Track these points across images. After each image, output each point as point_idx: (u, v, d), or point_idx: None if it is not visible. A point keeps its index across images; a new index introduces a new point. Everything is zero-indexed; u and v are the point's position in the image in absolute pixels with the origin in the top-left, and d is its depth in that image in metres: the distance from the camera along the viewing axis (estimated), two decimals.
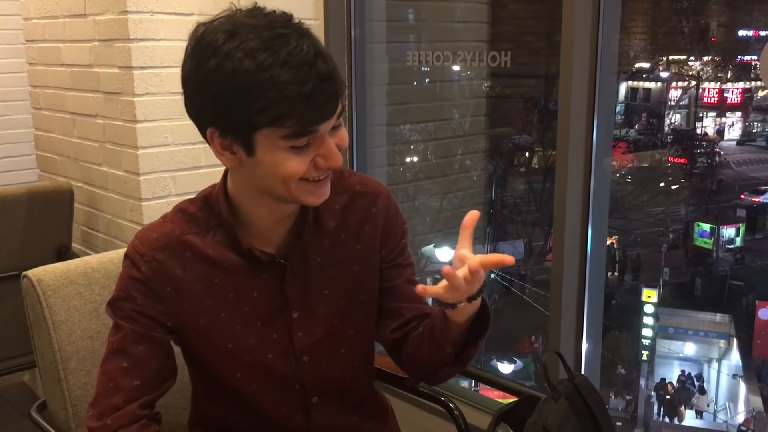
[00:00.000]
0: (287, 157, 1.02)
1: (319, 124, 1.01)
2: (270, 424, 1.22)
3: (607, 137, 1.90)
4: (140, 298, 1.13)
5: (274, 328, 1.18)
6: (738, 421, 8.73)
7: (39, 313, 1.39)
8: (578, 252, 1.92)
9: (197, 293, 1.14)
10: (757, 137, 11.32)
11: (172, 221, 1.17)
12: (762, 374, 9.14)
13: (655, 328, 9.31)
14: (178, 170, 2.31)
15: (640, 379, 9.18)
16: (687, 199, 10.69)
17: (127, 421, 1.12)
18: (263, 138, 1.01)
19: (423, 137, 4.05)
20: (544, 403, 1.33)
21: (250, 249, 1.14)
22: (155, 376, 1.16)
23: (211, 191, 1.18)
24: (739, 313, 9.65)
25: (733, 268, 9.99)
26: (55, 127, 2.73)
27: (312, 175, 1.06)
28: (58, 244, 2.58)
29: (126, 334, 1.14)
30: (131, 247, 1.16)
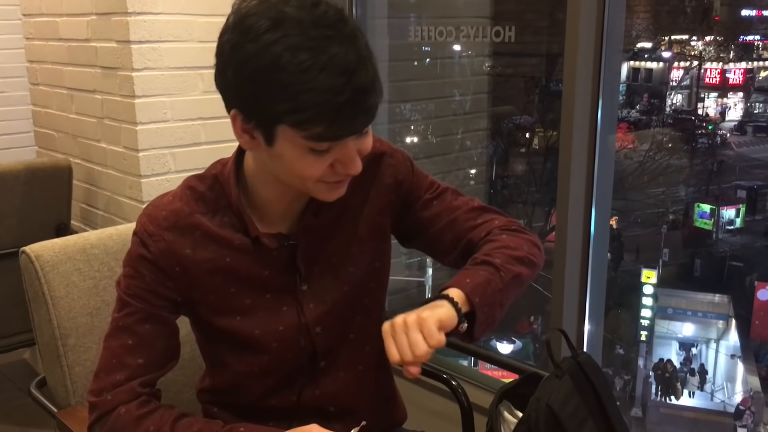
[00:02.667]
0: (305, 157, 1.00)
1: (346, 136, 0.99)
2: (279, 390, 1.21)
3: (611, 115, 1.87)
4: (149, 277, 1.11)
5: (283, 300, 1.17)
6: (736, 400, 8.79)
7: (37, 289, 1.38)
8: (581, 231, 1.90)
9: (206, 272, 1.13)
10: (758, 118, 11.29)
11: (180, 199, 1.14)
12: (760, 354, 9.19)
13: (654, 308, 9.35)
14: (178, 147, 2.29)
15: (638, 359, 9.23)
16: (687, 179, 10.69)
17: (127, 398, 1.11)
18: (284, 132, 0.98)
19: (423, 116, 4.02)
20: (547, 380, 1.32)
21: (258, 237, 1.12)
22: (159, 355, 1.14)
23: (221, 170, 1.14)
24: (738, 293, 9.68)
25: (733, 249, 10.01)
26: (53, 103, 2.70)
27: (329, 179, 1.04)
28: (57, 222, 2.56)
29: (133, 311, 1.12)
30: (140, 225, 1.13)
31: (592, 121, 1.81)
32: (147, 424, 1.09)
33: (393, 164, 1.23)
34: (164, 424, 1.08)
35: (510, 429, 1.36)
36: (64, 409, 1.35)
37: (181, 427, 1.09)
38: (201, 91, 2.29)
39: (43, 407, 1.38)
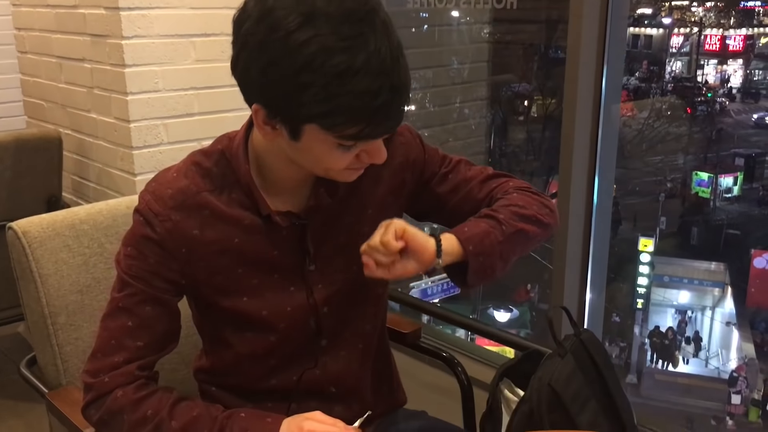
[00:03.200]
0: (333, 151, 0.97)
1: (379, 137, 0.97)
2: (281, 371, 1.19)
3: (616, 84, 1.82)
4: (153, 258, 1.06)
5: (291, 281, 1.13)
6: (730, 367, 8.87)
7: (25, 266, 1.34)
8: (584, 203, 1.87)
9: (214, 253, 1.08)
10: (758, 85, 11.23)
11: (186, 176, 1.08)
12: (755, 322, 9.25)
13: (650, 276, 9.38)
14: (170, 117, 2.23)
15: (634, 327, 9.29)
16: (686, 147, 10.65)
17: (125, 380, 1.07)
18: (313, 130, 0.94)
19: (421, 85, 3.96)
20: (549, 359, 1.29)
21: (269, 215, 1.08)
22: (159, 338, 1.11)
23: (228, 145, 1.09)
24: (734, 261, 9.71)
25: (730, 217, 10.02)
26: (42, 72, 2.63)
27: (354, 166, 1.02)
28: (48, 194, 2.51)
29: (133, 293, 1.08)
30: (144, 204, 1.08)
31: (597, 90, 1.77)
32: (145, 407, 1.06)
33: (403, 143, 1.20)
34: (162, 407, 1.05)
35: (511, 408, 1.34)
36: (55, 389, 1.32)
37: (180, 410, 1.05)
38: (193, 60, 2.23)
39: (34, 387, 1.35)
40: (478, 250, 1.08)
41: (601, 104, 1.77)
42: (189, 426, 1.04)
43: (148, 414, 1.05)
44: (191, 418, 1.04)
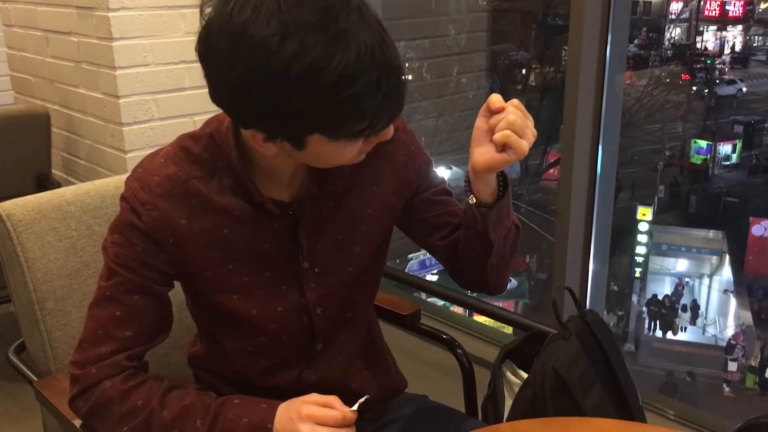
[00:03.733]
0: (340, 149, 0.92)
1: (388, 125, 0.92)
2: (275, 373, 1.15)
3: (620, 53, 1.76)
4: (140, 247, 1.02)
5: (283, 279, 1.09)
6: (727, 335, 8.92)
7: (11, 250, 1.29)
8: (587, 173, 1.82)
9: (203, 244, 1.04)
10: (757, 52, 11.13)
11: (174, 162, 1.03)
12: (753, 289, 9.28)
13: (648, 245, 9.38)
14: (161, 92, 2.17)
15: (632, 295, 9.32)
16: (685, 115, 10.59)
17: (112, 371, 1.03)
18: (317, 138, 0.90)
19: (418, 55, 3.90)
20: (553, 341, 1.26)
21: (262, 203, 1.03)
22: (149, 328, 1.06)
23: (218, 128, 1.03)
24: (732, 229, 9.72)
25: (729, 185, 10.00)
26: (28, 46, 2.56)
27: (362, 151, 0.97)
28: (37, 172, 2.46)
29: (121, 281, 1.03)
30: (129, 191, 1.03)
31: (600, 59, 1.71)
32: (135, 397, 1.02)
33: (405, 141, 1.15)
34: (153, 397, 1.02)
35: (513, 390, 1.30)
36: (44, 377, 1.28)
37: (172, 399, 1.02)
38: (183, 33, 2.16)
39: (22, 374, 1.31)
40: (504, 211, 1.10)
41: (605, 73, 1.71)
42: (181, 415, 1.00)
43: (138, 404, 1.01)
44: (183, 407, 1.01)
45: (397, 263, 2.94)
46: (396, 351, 1.38)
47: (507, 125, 0.97)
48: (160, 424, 1.00)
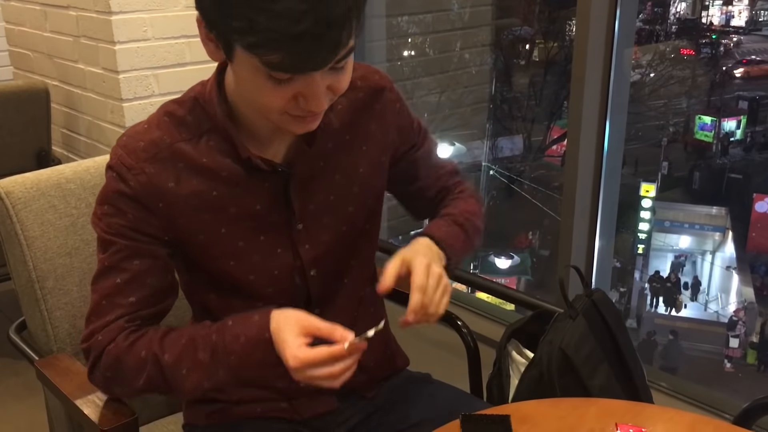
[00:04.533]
0: (264, 85, 0.89)
1: (305, 71, 0.87)
2: None
3: (629, 27, 1.73)
4: (131, 213, 1.01)
5: (278, 242, 1.08)
6: (729, 311, 8.92)
7: (10, 228, 1.27)
8: (594, 149, 1.80)
9: (193, 208, 1.03)
10: (763, 26, 11.01)
11: (159, 127, 1.02)
12: (755, 266, 9.27)
13: (651, 222, 9.35)
14: (161, 67, 2.14)
15: (634, 272, 9.31)
16: (689, 91, 10.50)
17: (116, 334, 1.03)
18: (242, 53, 0.87)
19: (421, 30, 3.85)
20: (559, 321, 1.25)
21: (249, 158, 1.02)
22: (153, 292, 1.05)
23: (201, 91, 1.03)
24: (735, 206, 9.69)
25: (733, 161, 9.95)
26: (26, 20, 2.52)
27: (294, 112, 0.93)
28: (37, 148, 2.44)
29: (118, 249, 1.02)
30: (115, 158, 1.02)
31: (609, 33, 1.67)
32: (137, 350, 1.01)
33: (392, 99, 1.15)
34: (153, 344, 1.01)
35: (519, 370, 1.29)
36: (45, 357, 1.27)
37: (170, 342, 1.01)
38: (183, 6, 2.12)
39: (23, 354, 1.30)
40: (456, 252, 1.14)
41: (613, 47, 1.68)
42: (182, 354, 0.99)
43: (142, 356, 1.01)
44: (182, 347, 1.00)
45: (400, 240, 2.92)
46: (399, 328, 1.36)
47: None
48: (167, 367, 0.99)
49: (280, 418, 1.17)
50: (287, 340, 0.92)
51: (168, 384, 1.00)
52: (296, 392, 1.16)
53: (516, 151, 8.38)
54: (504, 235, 8.19)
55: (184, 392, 1.01)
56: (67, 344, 1.31)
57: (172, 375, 1.00)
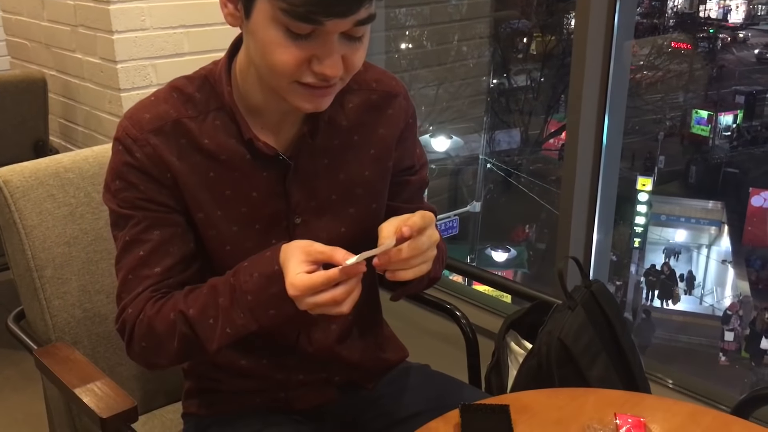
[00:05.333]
0: (280, 39, 0.88)
1: (327, 16, 0.85)
2: (267, 345, 1.13)
3: (629, 19, 1.73)
4: (143, 185, 1.00)
5: (273, 233, 1.07)
6: (725, 305, 8.96)
7: (8, 217, 1.27)
8: (593, 142, 1.80)
9: (193, 185, 1.03)
10: (760, 21, 11.02)
11: (166, 101, 1.02)
12: (751, 259, 9.30)
13: (648, 215, 9.38)
14: (159, 57, 2.13)
15: (630, 265, 9.34)
16: (686, 85, 10.51)
17: (143, 304, 1.02)
18: (263, 3, 0.87)
19: (418, 22, 3.84)
20: (558, 312, 1.25)
21: (251, 140, 1.01)
22: (177, 260, 1.03)
23: (212, 69, 1.04)
24: (732, 200, 9.71)
25: (729, 156, 9.96)
26: (24, 9, 2.51)
27: (305, 78, 0.92)
28: (35, 138, 2.43)
29: (137, 222, 1.01)
30: (121, 130, 1.02)
31: (609, 26, 1.67)
32: (165, 313, 1.00)
33: (406, 109, 1.13)
34: (178, 302, 1.00)
35: (518, 360, 1.30)
36: (44, 346, 1.27)
37: (193, 298, 1.00)
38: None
39: (22, 343, 1.30)
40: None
41: (613, 40, 1.68)
42: (206, 306, 0.98)
43: (171, 317, 1.00)
44: (203, 297, 0.99)
45: None
46: (398, 320, 1.37)
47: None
48: (195, 322, 0.99)
49: (279, 410, 1.17)
50: (288, 270, 0.91)
51: (200, 340, 0.99)
52: (296, 384, 1.17)
53: (513, 144, 8.38)
54: (501, 228, 8.20)
55: (214, 345, 0.99)
56: (66, 333, 1.30)
57: (202, 328, 0.98)
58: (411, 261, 0.93)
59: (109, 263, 1.32)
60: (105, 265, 1.35)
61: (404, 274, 0.94)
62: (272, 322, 0.96)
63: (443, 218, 5.53)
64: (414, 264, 0.93)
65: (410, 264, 0.93)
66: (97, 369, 1.19)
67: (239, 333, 0.97)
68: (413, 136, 1.16)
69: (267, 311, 0.95)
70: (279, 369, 1.15)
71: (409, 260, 0.92)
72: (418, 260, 0.93)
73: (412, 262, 0.93)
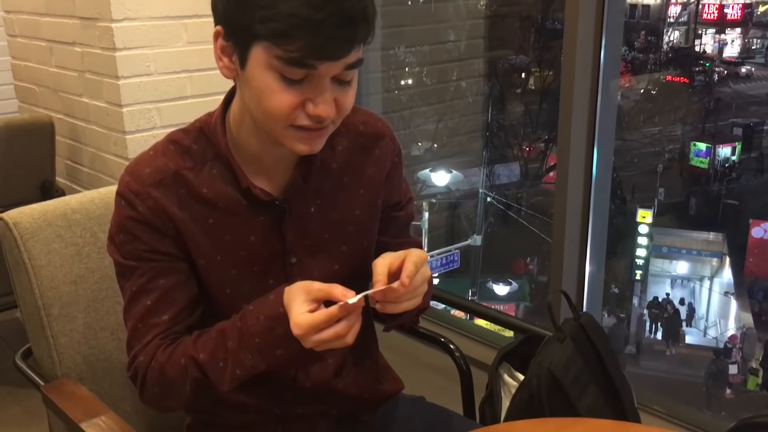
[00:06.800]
0: (275, 85, 0.93)
1: (321, 60, 0.91)
2: (266, 379, 1.16)
3: (614, 58, 1.80)
4: (146, 237, 1.05)
5: (270, 274, 1.11)
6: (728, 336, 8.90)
7: (17, 257, 1.32)
8: (583, 177, 1.85)
9: (194, 232, 1.07)
10: (756, 54, 11.15)
11: (164, 154, 1.07)
12: (753, 291, 9.27)
13: (649, 247, 9.39)
14: (163, 101, 2.20)
15: (632, 298, 9.32)
16: (684, 118, 10.60)
17: (154, 351, 1.06)
18: (259, 52, 0.92)
19: (418, 60, 3.93)
20: (548, 344, 1.28)
21: (248, 188, 1.06)
22: (183, 307, 1.08)
23: (207, 120, 1.08)
24: (732, 231, 9.72)
25: (728, 187, 10.00)
26: (32, 56, 2.59)
27: (300, 121, 0.97)
28: (42, 179, 2.49)
29: (142, 273, 1.06)
30: (123, 186, 1.07)
31: (595, 64, 1.74)
32: (176, 358, 1.04)
33: (393, 149, 1.19)
34: (188, 348, 1.04)
35: (510, 392, 1.33)
36: (51, 381, 1.31)
37: (202, 342, 1.04)
38: (185, 42, 2.19)
39: (29, 379, 1.34)
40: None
41: (599, 78, 1.74)
42: (215, 350, 1.02)
43: (182, 363, 1.04)
44: (212, 342, 1.03)
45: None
46: (393, 353, 1.40)
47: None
48: (205, 366, 1.02)
49: None
50: (291, 311, 0.95)
51: (211, 383, 1.03)
52: (294, 417, 1.20)
53: (513, 178, 8.44)
54: (502, 261, 8.22)
55: (225, 386, 1.03)
56: (72, 369, 1.34)
57: (212, 372, 1.02)
58: (403, 297, 0.98)
59: (114, 301, 1.37)
60: (110, 303, 1.39)
61: (396, 308, 0.99)
62: (280, 361, 1.01)
63: (444, 252, 5.56)
64: (406, 299, 0.99)
65: (402, 300, 0.99)
66: (102, 404, 1.23)
67: (249, 373, 1.02)
68: (399, 174, 1.21)
69: (274, 352, 0.99)
70: (277, 403, 1.18)
71: (401, 297, 0.98)
72: (410, 296, 0.99)
73: (404, 298, 0.99)
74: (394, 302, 0.99)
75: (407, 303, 0.99)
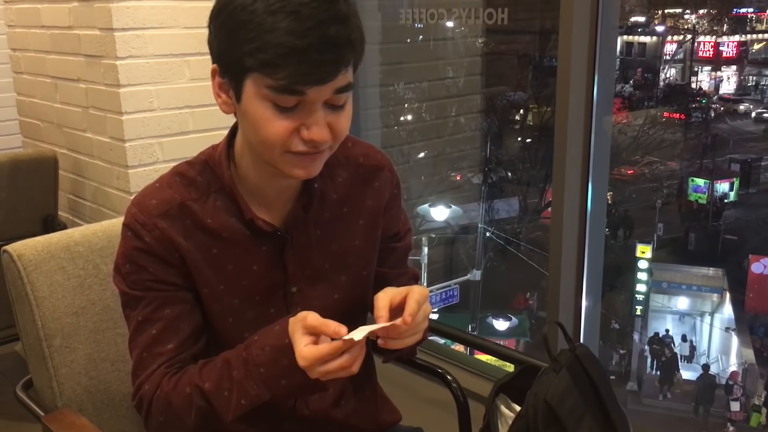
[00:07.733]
0: (269, 114, 0.96)
1: (308, 85, 0.94)
2: (266, 408, 1.18)
3: (607, 94, 1.83)
4: (152, 267, 1.07)
5: (272, 302, 1.13)
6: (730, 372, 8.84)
7: (20, 289, 1.33)
8: (578, 213, 1.88)
9: (199, 262, 1.09)
10: (751, 91, 11.28)
11: (170, 186, 1.10)
12: (754, 327, 9.23)
13: (648, 283, 9.38)
14: (165, 136, 2.24)
15: (633, 333, 9.28)
16: (682, 154, 10.68)
17: (160, 380, 1.08)
18: (251, 84, 0.95)
19: (417, 96, 3.98)
20: (544, 374, 1.29)
21: (252, 219, 1.08)
22: (188, 335, 1.10)
23: (212, 153, 1.11)
24: (732, 267, 9.72)
25: (727, 223, 10.03)
26: (37, 92, 2.64)
27: (296, 147, 0.99)
28: (44, 213, 2.51)
29: (148, 302, 1.08)
30: (130, 217, 1.08)
31: (588, 101, 1.78)
32: (182, 387, 1.05)
33: (391, 180, 1.22)
34: (193, 377, 1.05)
35: (507, 423, 1.34)
36: (51, 412, 1.32)
37: (207, 371, 1.06)
38: (188, 79, 2.24)
39: (30, 410, 1.34)
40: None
41: (592, 115, 1.78)
42: (220, 379, 1.04)
43: (187, 392, 1.05)
44: (218, 371, 1.04)
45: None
46: (392, 385, 1.41)
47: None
48: (210, 395, 1.03)
49: None
50: (295, 342, 0.97)
51: (216, 412, 1.04)
52: None
53: (512, 213, 8.47)
54: (502, 296, 8.21)
55: (230, 416, 1.04)
56: (72, 400, 1.35)
57: (217, 401, 1.03)
58: (405, 334, 1.01)
59: (115, 332, 1.39)
60: (111, 335, 1.40)
61: (398, 344, 1.01)
62: (284, 391, 1.02)
63: (443, 287, 5.56)
64: (408, 335, 1.02)
65: (404, 336, 1.01)
66: None
67: (253, 403, 1.03)
68: (398, 205, 1.24)
69: (279, 382, 1.01)
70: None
71: (403, 333, 1.00)
72: (412, 332, 1.02)
73: (405, 334, 1.01)
74: (396, 338, 1.01)
75: (409, 339, 1.02)
